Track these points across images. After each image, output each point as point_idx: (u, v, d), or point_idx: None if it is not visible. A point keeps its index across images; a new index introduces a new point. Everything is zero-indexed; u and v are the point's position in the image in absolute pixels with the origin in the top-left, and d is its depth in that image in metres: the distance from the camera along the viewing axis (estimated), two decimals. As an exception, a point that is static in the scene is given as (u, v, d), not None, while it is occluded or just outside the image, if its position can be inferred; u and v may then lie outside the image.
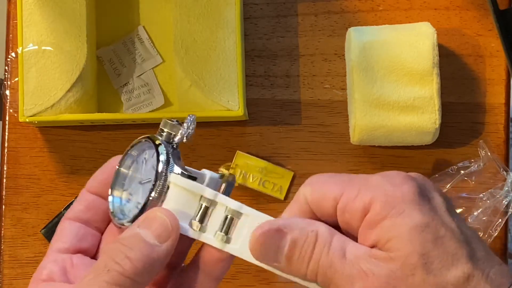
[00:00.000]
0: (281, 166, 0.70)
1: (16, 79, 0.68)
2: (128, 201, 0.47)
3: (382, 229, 0.41)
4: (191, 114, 0.47)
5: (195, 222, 0.44)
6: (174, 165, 0.45)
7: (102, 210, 0.48)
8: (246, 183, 0.69)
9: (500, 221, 0.66)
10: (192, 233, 0.44)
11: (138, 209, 0.44)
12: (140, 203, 0.44)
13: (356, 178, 0.44)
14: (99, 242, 0.48)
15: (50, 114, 0.66)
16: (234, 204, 0.44)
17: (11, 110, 0.69)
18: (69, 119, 0.67)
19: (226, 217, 0.44)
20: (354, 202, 0.42)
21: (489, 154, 0.67)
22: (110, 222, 0.48)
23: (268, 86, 0.71)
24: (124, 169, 0.48)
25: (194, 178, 0.45)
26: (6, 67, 0.70)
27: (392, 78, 0.65)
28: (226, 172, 0.46)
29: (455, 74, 0.70)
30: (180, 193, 0.44)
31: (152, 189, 0.44)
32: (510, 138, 0.71)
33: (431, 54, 0.65)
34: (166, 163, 0.45)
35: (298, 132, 0.70)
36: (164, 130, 0.46)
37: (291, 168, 0.70)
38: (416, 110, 0.64)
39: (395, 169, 0.69)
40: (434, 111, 0.64)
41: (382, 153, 0.70)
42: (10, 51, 0.70)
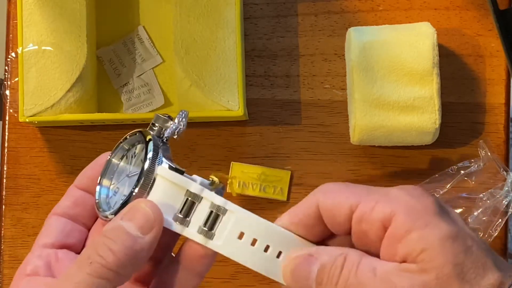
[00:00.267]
0: (281, 166, 0.70)
1: (16, 79, 0.68)
2: (115, 193, 0.47)
3: (410, 241, 0.41)
4: (184, 110, 0.47)
5: (179, 216, 0.44)
6: (162, 158, 0.45)
7: (90, 206, 0.48)
8: (247, 193, 0.69)
9: (500, 221, 0.66)
10: (175, 227, 0.44)
11: (122, 201, 0.44)
12: (125, 196, 0.44)
13: (374, 189, 0.44)
14: (86, 238, 0.48)
15: (50, 114, 0.66)
16: (219, 200, 0.44)
17: (11, 110, 0.69)
18: (69, 119, 0.67)
19: (211, 212, 0.44)
20: (373, 212, 0.42)
21: (489, 154, 0.67)
22: (97, 218, 0.48)
23: (268, 86, 0.71)
24: (115, 160, 0.48)
25: (181, 172, 0.45)
26: (6, 67, 0.70)
27: (392, 78, 0.65)
28: (216, 179, 0.46)
29: (455, 74, 0.70)
30: (166, 186, 0.44)
31: (136, 183, 0.44)
32: (510, 138, 0.71)
33: (431, 54, 0.65)
34: (153, 159, 0.44)
35: (298, 132, 0.70)
36: (155, 124, 0.47)
37: (291, 168, 0.70)
38: (416, 110, 0.64)
39: (395, 169, 0.70)
40: (434, 111, 0.64)
41: (382, 153, 0.70)
42: (10, 51, 0.70)
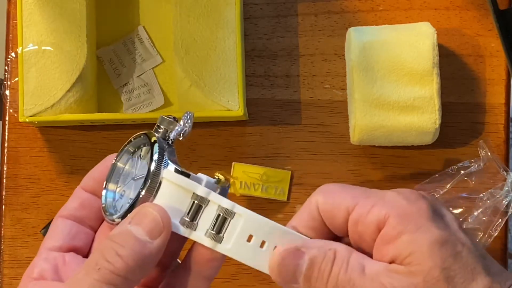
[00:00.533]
0: (281, 166, 0.70)
1: (16, 79, 0.68)
2: (121, 196, 0.46)
3: (400, 244, 0.41)
4: (189, 111, 0.46)
5: (186, 219, 0.44)
6: (168, 161, 0.44)
7: (96, 208, 0.47)
8: (249, 193, 0.69)
9: (500, 221, 0.66)
10: (183, 230, 0.44)
11: (129, 204, 0.44)
12: (131, 199, 0.44)
13: (370, 192, 0.44)
14: (92, 241, 0.48)
15: (50, 114, 0.66)
16: (227, 203, 0.44)
17: (11, 110, 0.69)
18: (69, 119, 0.67)
19: (219, 215, 0.43)
20: (368, 214, 0.42)
21: (489, 154, 0.67)
22: (104, 221, 0.48)
23: (268, 86, 0.71)
24: (120, 164, 0.47)
25: (187, 175, 0.44)
26: (6, 67, 0.70)
27: (392, 78, 0.65)
28: (222, 177, 0.45)
29: (455, 74, 0.70)
30: (172, 189, 0.44)
31: (143, 186, 0.44)
32: (510, 138, 0.71)
33: (431, 54, 0.65)
34: (159, 162, 0.44)
35: (298, 132, 0.70)
36: (161, 126, 0.46)
37: (291, 168, 0.70)
38: (416, 110, 0.64)
39: (395, 169, 0.70)
40: (434, 111, 0.64)
41: (382, 153, 0.70)
42: (10, 51, 0.70)
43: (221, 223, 0.43)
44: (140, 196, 0.44)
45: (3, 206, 0.70)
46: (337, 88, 0.71)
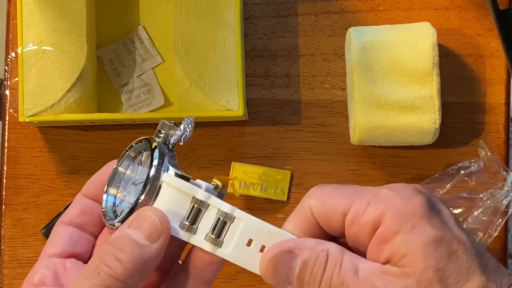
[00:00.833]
0: (281, 166, 0.70)
1: (16, 79, 0.68)
2: (121, 201, 0.46)
3: (395, 244, 0.41)
4: (190, 115, 0.46)
5: (186, 223, 0.43)
6: (168, 166, 0.44)
7: (97, 214, 0.47)
8: (248, 193, 0.69)
9: (500, 221, 0.66)
10: (182, 234, 0.44)
11: (129, 209, 0.44)
12: (131, 204, 0.44)
13: (364, 191, 0.43)
14: (93, 247, 0.48)
15: (50, 114, 0.66)
16: (226, 207, 0.43)
17: (11, 110, 0.69)
18: (69, 119, 0.67)
19: (218, 219, 0.43)
20: (363, 215, 0.42)
21: (489, 154, 0.67)
22: (104, 227, 0.48)
23: (268, 86, 0.71)
24: (121, 168, 0.47)
25: (187, 179, 0.44)
26: (6, 67, 0.70)
27: (392, 78, 0.65)
28: (219, 183, 0.45)
29: (455, 74, 0.70)
30: (172, 193, 0.44)
31: (142, 191, 0.44)
32: (510, 138, 0.71)
33: (431, 54, 0.65)
34: (159, 167, 0.44)
35: (298, 132, 0.70)
36: (161, 131, 0.46)
37: (291, 168, 0.70)
38: (416, 110, 0.64)
39: (395, 169, 0.70)
40: (434, 111, 0.64)
41: (382, 153, 0.70)
42: (10, 51, 0.70)
43: (220, 227, 0.43)
44: (139, 200, 0.44)
45: (3, 206, 0.70)
46: (337, 88, 0.71)
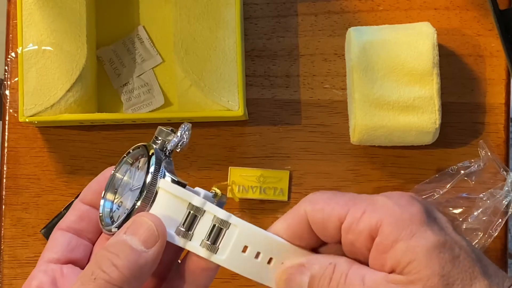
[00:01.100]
0: (281, 166, 0.70)
1: (16, 79, 0.68)
2: (118, 207, 0.46)
3: (397, 252, 0.41)
4: (186, 123, 0.47)
5: (182, 229, 0.44)
6: (165, 172, 0.45)
7: (95, 220, 0.47)
8: (248, 196, 0.69)
9: (500, 221, 0.66)
10: (178, 240, 0.44)
11: (125, 214, 0.44)
12: (128, 209, 0.44)
13: (360, 198, 0.43)
14: (91, 253, 0.48)
15: (50, 114, 0.66)
16: (222, 213, 0.44)
17: (11, 110, 0.69)
18: (69, 119, 0.67)
19: (214, 226, 0.43)
20: (359, 222, 0.42)
21: (489, 154, 0.67)
22: (102, 233, 0.48)
23: (268, 86, 0.71)
24: (119, 174, 0.48)
25: (183, 185, 0.44)
26: (6, 67, 0.70)
27: (392, 78, 0.65)
28: (218, 191, 0.46)
29: (455, 74, 0.70)
30: (168, 199, 0.44)
31: (139, 197, 0.44)
32: (510, 138, 0.71)
33: (431, 54, 0.65)
34: (155, 173, 0.44)
35: (298, 132, 0.70)
36: (158, 138, 0.46)
37: (291, 168, 0.70)
38: (416, 110, 0.64)
39: (395, 169, 0.70)
40: (434, 111, 0.64)
41: (382, 153, 0.70)
42: (10, 51, 0.70)
43: (216, 234, 0.43)
44: (136, 206, 0.44)
45: (3, 206, 0.70)
46: (337, 88, 0.71)
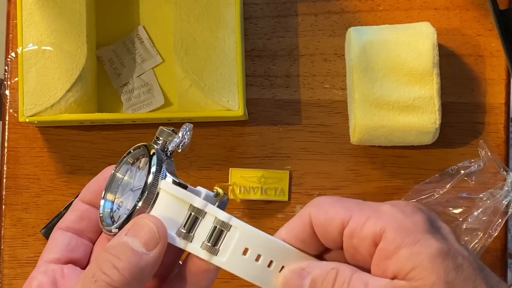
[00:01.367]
0: (281, 166, 0.70)
1: (16, 79, 0.68)
2: (119, 207, 0.46)
3: (400, 258, 0.41)
4: (188, 123, 0.46)
5: (182, 231, 0.43)
6: (166, 173, 0.44)
7: (95, 220, 0.47)
8: (249, 197, 0.69)
9: (500, 221, 0.66)
10: (179, 242, 0.44)
11: (126, 215, 0.44)
12: (129, 210, 0.44)
13: (365, 205, 0.43)
14: (91, 253, 0.48)
15: (50, 114, 0.66)
16: (223, 215, 0.43)
17: (11, 110, 0.69)
18: (69, 119, 0.67)
19: (215, 228, 0.43)
20: (363, 228, 0.42)
21: (489, 154, 0.67)
22: (102, 232, 0.48)
23: (268, 86, 0.71)
24: (119, 174, 0.47)
25: (185, 187, 0.44)
26: (6, 67, 0.70)
27: (392, 78, 0.65)
28: (220, 190, 0.45)
29: (455, 74, 0.70)
30: (169, 200, 0.44)
31: (140, 197, 0.44)
32: (510, 138, 0.71)
33: (431, 54, 0.65)
34: (157, 174, 0.44)
35: (298, 132, 0.70)
36: (160, 138, 0.46)
37: (291, 168, 0.70)
38: (416, 110, 0.64)
39: (395, 169, 0.70)
40: (434, 111, 0.64)
41: (382, 153, 0.70)
42: (10, 51, 0.70)
43: (217, 236, 0.43)
44: (137, 207, 0.44)
45: (3, 206, 0.70)
46: (337, 88, 0.71)
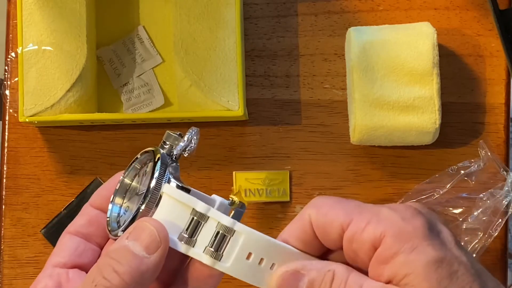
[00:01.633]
0: (281, 166, 0.70)
1: (16, 79, 0.68)
2: (125, 211, 0.46)
3: (396, 264, 0.41)
4: (194, 127, 0.46)
5: (185, 235, 0.43)
6: (169, 177, 0.44)
7: (104, 225, 0.47)
8: (255, 200, 0.69)
9: (500, 221, 0.66)
10: (181, 246, 0.43)
11: (129, 219, 0.44)
12: (132, 214, 0.44)
13: (364, 207, 0.43)
14: (98, 258, 0.48)
15: (50, 114, 0.66)
16: (226, 220, 0.43)
17: (11, 110, 0.69)
18: (69, 119, 0.67)
19: (218, 233, 0.43)
20: (363, 233, 0.42)
21: (489, 154, 0.67)
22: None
23: (268, 86, 0.71)
24: (127, 179, 0.48)
25: (188, 191, 0.44)
26: (6, 67, 0.70)
27: (392, 78, 0.65)
28: (236, 199, 0.45)
29: (455, 74, 0.70)
30: (172, 204, 0.44)
31: (142, 201, 0.44)
32: (510, 138, 0.71)
33: (431, 54, 0.65)
34: (160, 179, 0.44)
35: (298, 132, 0.70)
36: (166, 142, 0.46)
37: (291, 168, 0.70)
38: (416, 110, 0.64)
39: (395, 169, 0.70)
40: (434, 111, 0.64)
41: (382, 153, 0.70)
42: (10, 51, 0.70)
43: (220, 241, 0.43)
44: (140, 210, 0.44)
45: (3, 206, 0.70)
46: (337, 88, 0.71)
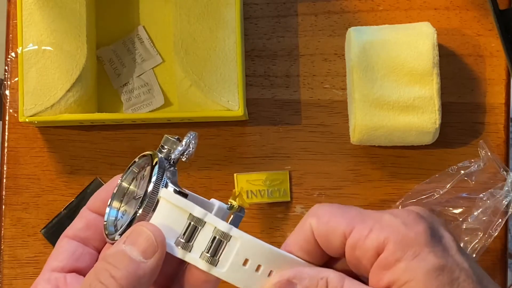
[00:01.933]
0: (281, 166, 0.70)
1: (16, 79, 0.68)
2: (123, 215, 0.46)
3: (397, 271, 0.41)
4: (192, 131, 0.46)
5: (181, 240, 0.43)
6: (167, 181, 0.44)
7: (101, 229, 0.47)
8: (257, 201, 0.69)
9: (500, 221, 0.66)
10: (177, 251, 0.43)
11: (126, 223, 0.44)
12: (129, 218, 0.44)
13: (366, 214, 0.43)
14: (96, 262, 0.48)
15: (50, 114, 0.66)
16: (223, 225, 0.43)
17: (11, 110, 0.69)
18: (69, 119, 0.67)
19: (214, 238, 0.42)
20: (366, 240, 0.42)
21: (489, 154, 0.67)
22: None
23: (268, 86, 0.71)
24: (125, 183, 0.47)
25: (185, 195, 0.44)
26: (6, 67, 0.70)
27: (392, 78, 0.65)
28: (235, 203, 0.45)
29: (455, 74, 0.70)
30: (169, 209, 0.44)
31: (140, 205, 0.44)
32: (510, 138, 0.71)
33: (431, 54, 0.65)
34: (157, 183, 0.44)
35: (298, 132, 0.70)
36: (164, 146, 0.46)
37: (291, 168, 0.70)
38: (416, 110, 0.64)
39: (395, 169, 0.70)
40: (434, 111, 0.64)
41: (382, 153, 0.70)
42: (10, 51, 0.70)
43: (216, 246, 0.43)
44: (137, 215, 0.44)
45: (3, 206, 0.70)
46: (337, 88, 0.71)
